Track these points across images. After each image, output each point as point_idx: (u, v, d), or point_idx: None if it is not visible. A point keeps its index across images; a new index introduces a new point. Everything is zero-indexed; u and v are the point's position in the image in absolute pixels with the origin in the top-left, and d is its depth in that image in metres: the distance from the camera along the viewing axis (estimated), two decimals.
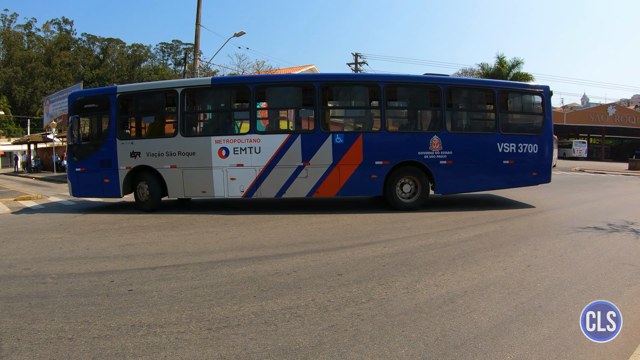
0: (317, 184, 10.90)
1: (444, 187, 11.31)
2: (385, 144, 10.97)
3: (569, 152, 52.71)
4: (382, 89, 10.94)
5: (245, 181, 11.03)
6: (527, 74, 38.95)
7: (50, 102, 32.75)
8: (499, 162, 11.18)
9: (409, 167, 10.97)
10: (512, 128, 11.88)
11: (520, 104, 12.37)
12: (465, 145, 11.23)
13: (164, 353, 3.50)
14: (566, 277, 5.34)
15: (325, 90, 11.33)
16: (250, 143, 10.91)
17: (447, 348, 3.49)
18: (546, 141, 11.50)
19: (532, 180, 11.68)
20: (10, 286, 5.42)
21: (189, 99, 11.73)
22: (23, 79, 79.01)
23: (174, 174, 11.24)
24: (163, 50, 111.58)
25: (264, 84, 11.59)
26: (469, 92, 12.09)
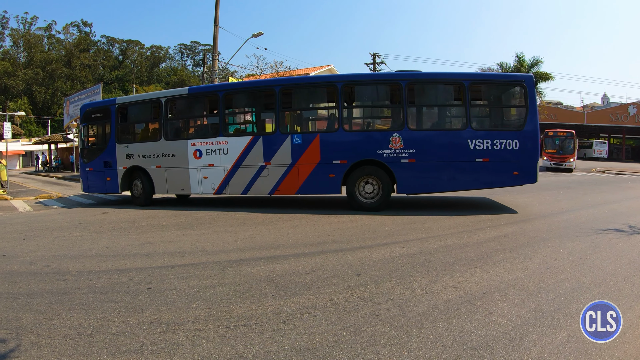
0: (278, 182, 11.33)
1: (408, 187, 10.96)
2: (343, 144, 11.00)
3: (589, 152, 51.91)
4: (339, 89, 11.00)
5: (215, 180, 11.89)
6: (547, 73, 38.39)
7: (71, 103, 33.23)
8: (470, 160, 10.48)
9: (369, 166, 10.82)
10: (487, 123, 11.28)
11: (497, 97, 11.56)
12: (429, 143, 10.80)
13: (182, 350, 3.53)
14: (586, 279, 5.25)
15: (285, 93, 11.59)
16: (219, 145, 11.75)
17: (464, 350, 3.46)
18: (529, 137, 10.47)
19: (513, 181, 10.84)
20: (30, 283, 5.52)
21: (171, 107, 12.78)
22: (43, 80, 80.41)
23: (159, 173, 12.53)
24: (181, 51, 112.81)
25: (231, 91, 12.66)
26: (433, 86, 11.62)
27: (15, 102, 69.67)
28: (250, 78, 31.08)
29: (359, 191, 10.89)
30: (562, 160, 30.22)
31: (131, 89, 71.92)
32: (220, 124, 11.97)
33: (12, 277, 5.76)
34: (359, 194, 10.89)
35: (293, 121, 12.45)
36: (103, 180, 13.50)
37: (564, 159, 30.28)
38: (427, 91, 11.54)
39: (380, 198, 10.77)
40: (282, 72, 28.10)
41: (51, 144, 43.87)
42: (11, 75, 77.81)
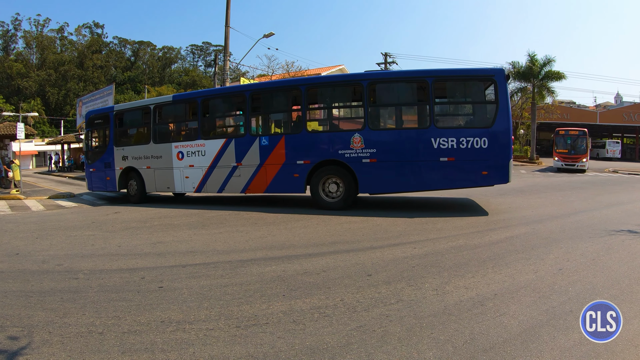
0: (248, 181, 11.93)
1: (369, 187, 11.05)
2: (306, 144, 11.28)
3: (602, 152, 51.43)
4: (303, 92, 11.37)
5: (195, 179, 12.76)
6: (559, 72, 38.01)
7: (83, 104, 33.56)
8: (434, 159, 10.28)
9: (332, 166, 10.99)
10: (452, 121, 11.26)
11: (464, 93, 11.28)
12: (391, 142, 10.77)
13: (192, 349, 3.54)
14: (598, 281, 5.18)
15: (254, 98, 12.28)
16: (197, 147, 12.64)
17: (475, 352, 3.44)
18: (500, 134, 10.07)
19: (483, 181, 10.41)
20: (43, 281, 5.58)
21: (159, 113, 13.81)
22: (56, 81, 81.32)
23: (149, 173, 13.69)
24: (193, 52, 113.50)
25: (207, 97, 13.41)
26: (395, 85, 11.51)
27: (29, 103, 70.52)
28: (261, 78, 31.19)
29: (323, 190, 11.15)
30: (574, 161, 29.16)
31: (143, 90, 72.41)
32: (198, 127, 12.85)
33: (24, 276, 5.82)
34: (323, 193, 11.13)
35: (262, 124, 12.96)
36: (104, 180, 14.97)
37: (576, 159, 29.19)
38: (389, 90, 11.50)
39: (343, 197, 10.91)
40: (294, 72, 28.14)
41: (64, 144, 44.34)
42: (24, 76, 78.79)
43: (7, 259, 6.82)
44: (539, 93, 39.90)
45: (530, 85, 40.81)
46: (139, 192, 13.92)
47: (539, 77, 38.84)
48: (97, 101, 30.51)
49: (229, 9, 22.79)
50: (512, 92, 46.67)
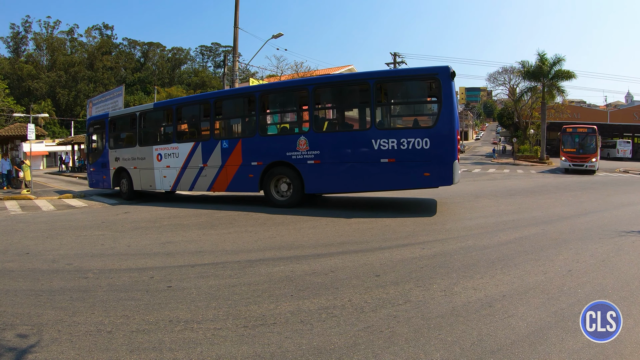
0: (212, 181, 12.88)
1: (314, 187, 11.30)
2: (259, 147, 12.01)
3: (612, 152, 50.99)
4: (257, 98, 12.13)
5: (171, 178, 13.93)
6: (569, 71, 37.77)
7: (94, 105, 33.74)
8: (375, 161, 10.34)
9: (282, 167, 11.56)
10: (393, 122, 11.34)
11: (407, 93, 11.41)
12: (333, 144, 11.01)
13: (200, 349, 3.55)
14: (608, 283, 5.13)
15: (216, 104, 13.26)
16: (172, 150, 13.81)
17: (483, 353, 3.42)
18: (442, 134, 9.87)
19: (425, 182, 10.29)
20: (53, 280, 5.63)
21: (143, 119, 15.19)
22: (67, 82, 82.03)
23: (135, 173, 15.02)
24: (202, 53, 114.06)
25: (181, 104, 14.83)
26: (338, 89, 11.93)
27: (39, 104, 71.12)
28: (270, 79, 31.23)
29: (275, 190, 11.80)
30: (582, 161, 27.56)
31: (153, 91, 72.79)
32: (173, 132, 14.11)
33: (34, 275, 5.88)
34: (275, 192, 11.79)
35: (224, 128, 13.99)
36: (101, 178, 16.64)
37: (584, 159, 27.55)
38: (334, 94, 12.02)
39: (292, 196, 11.48)
40: (303, 73, 28.15)
41: (74, 144, 44.70)
42: (35, 78, 79.55)
43: (17, 258, 6.88)
44: (549, 92, 39.68)
45: (540, 84, 40.57)
46: (129, 190, 15.30)
47: (548, 77, 38.61)
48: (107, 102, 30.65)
49: (237, 10, 22.86)
50: (522, 92, 46.53)
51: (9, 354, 3.53)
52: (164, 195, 16.05)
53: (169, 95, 79.29)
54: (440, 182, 10.22)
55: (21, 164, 20.20)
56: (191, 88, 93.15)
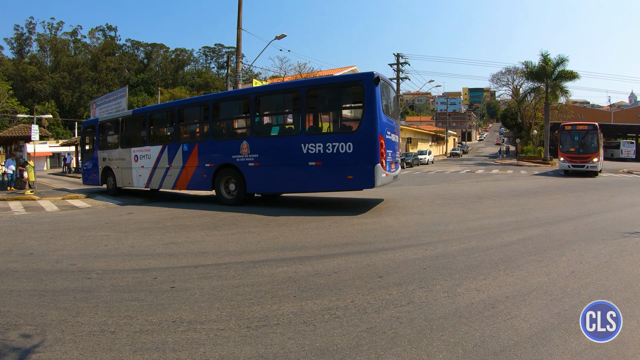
0: (176, 180, 14.25)
1: (254, 187, 12.31)
2: (211, 150, 13.21)
3: (616, 153, 50.84)
4: (210, 106, 13.55)
5: (145, 177, 15.40)
6: (573, 71, 37.69)
7: (97, 106, 33.85)
8: (304, 164, 11.05)
9: (229, 169, 12.65)
10: (321, 127, 11.97)
11: (335, 100, 11.93)
12: (269, 148, 11.94)
13: (203, 349, 3.56)
14: (611, 284, 5.12)
15: (179, 112, 14.71)
16: (146, 152, 15.28)
17: (485, 354, 3.41)
18: (365, 139, 10.31)
19: (348, 185, 10.85)
20: (56, 280, 5.65)
21: (124, 123, 16.91)
22: (70, 83, 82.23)
23: (118, 172, 16.70)
24: (206, 53, 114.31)
25: (153, 111, 16.61)
26: (275, 97, 13.16)
27: (43, 105, 71.40)
28: (273, 80, 31.25)
29: (225, 189, 12.89)
30: (583, 161, 25.25)
31: (156, 92, 72.97)
32: (147, 136, 15.59)
33: (38, 275, 5.90)
34: (223, 192, 12.90)
35: (185, 133, 15.05)
36: (92, 176, 18.45)
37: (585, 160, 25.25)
38: (271, 101, 13.21)
39: (238, 195, 12.53)
40: (306, 74, 28.15)
41: (78, 145, 44.75)
42: (38, 79, 79.78)
43: (21, 258, 6.91)
44: (553, 93, 39.60)
45: (543, 85, 40.50)
46: (114, 187, 17.02)
47: (552, 77, 38.54)
48: (110, 103, 30.74)
49: (241, 11, 22.87)
50: (525, 92, 46.47)
51: (13, 354, 3.55)
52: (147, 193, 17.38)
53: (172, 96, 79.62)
54: (363, 185, 10.78)
55: (25, 164, 20.26)
56: (195, 89, 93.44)
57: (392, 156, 11.47)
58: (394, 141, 11.73)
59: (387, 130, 10.95)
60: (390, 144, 11.28)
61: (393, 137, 11.64)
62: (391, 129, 11.41)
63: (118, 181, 16.75)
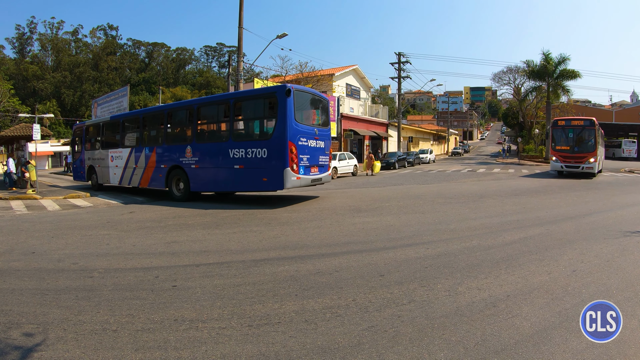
0: (140, 178, 16.12)
1: (196, 186, 13.92)
2: (165, 154, 15.04)
3: (618, 152, 50.74)
4: (165, 114, 15.84)
5: (118, 175, 17.43)
6: (574, 70, 37.64)
7: (99, 105, 33.82)
8: (231, 167, 12.64)
9: (178, 170, 14.37)
10: (243, 134, 13.36)
11: (255, 109, 13.25)
12: (206, 152, 13.56)
13: (205, 347, 3.57)
14: (613, 283, 5.12)
15: (144, 119, 16.96)
16: (119, 153, 17.36)
17: (486, 353, 3.41)
18: (276, 145, 11.60)
19: (264, 186, 12.21)
20: (58, 279, 5.65)
21: (104, 128, 19.29)
22: (71, 83, 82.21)
23: (99, 170, 18.99)
24: (207, 53, 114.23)
25: (125, 117, 18.82)
26: (211, 107, 14.75)
27: (44, 105, 71.42)
28: (275, 79, 31.23)
29: (175, 187, 14.55)
30: (578, 161, 22.57)
31: (158, 91, 72.98)
32: (120, 139, 17.78)
33: (40, 274, 5.91)
34: (174, 189, 14.57)
35: (147, 138, 16.63)
36: (80, 173, 21.06)
37: (580, 159, 22.54)
38: (209, 111, 14.70)
39: (184, 193, 14.21)
40: (307, 73, 28.12)
41: None
42: (40, 78, 79.79)
43: (23, 257, 6.92)
44: (554, 92, 39.59)
45: (545, 84, 40.45)
46: (96, 183, 19.35)
47: (553, 76, 38.49)
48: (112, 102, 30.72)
49: (242, 10, 22.88)
50: (526, 91, 46.44)
51: (15, 353, 3.55)
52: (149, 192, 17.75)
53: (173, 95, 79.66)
54: (275, 187, 12.09)
55: (27, 164, 20.26)
56: (196, 88, 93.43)
57: (310, 161, 12.51)
58: (313, 147, 12.71)
59: (302, 137, 12.04)
60: (308, 150, 12.37)
61: (312, 143, 12.65)
62: (309, 136, 12.49)
63: (99, 178, 19.03)
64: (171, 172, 14.57)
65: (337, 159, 27.39)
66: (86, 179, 20.22)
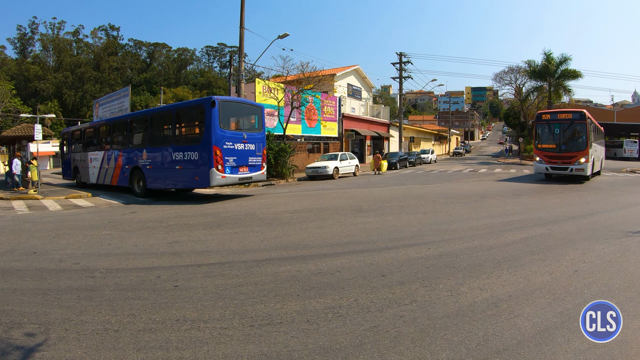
0: (111, 177, 18.52)
1: (151, 184, 16.08)
2: (129, 156, 17.27)
3: (619, 152, 50.62)
4: (128, 122, 18.32)
5: (95, 174, 19.88)
6: (576, 70, 37.67)
7: (100, 105, 33.75)
8: (174, 167, 14.97)
9: (137, 170, 16.69)
10: (182, 140, 15.32)
11: (191, 118, 15.53)
12: (157, 155, 15.72)
13: (207, 347, 3.57)
14: (614, 283, 5.11)
15: (114, 126, 19.45)
16: (96, 155, 19.92)
17: (488, 353, 3.41)
18: (204, 149, 13.80)
19: (197, 183, 14.44)
20: (60, 279, 5.66)
21: (85, 133, 21.92)
22: (73, 83, 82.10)
23: (81, 169, 21.41)
24: (208, 53, 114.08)
25: (99, 125, 21.00)
26: (160, 116, 17.19)
27: (46, 105, 71.32)
28: (276, 79, 31.20)
29: (136, 185, 16.80)
30: (566, 162, 19.10)
31: (159, 91, 72.99)
32: (97, 143, 20.53)
33: (42, 274, 5.91)
34: (135, 187, 16.85)
35: (116, 142, 18.96)
36: (67, 172, 23.60)
37: (569, 160, 19.03)
38: (159, 120, 16.99)
39: (143, 189, 16.44)
40: (309, 73, 28.07)
41: None
42: (41, 78, 79.68)
43: (25, 257, 6.93)
44: (556, 92, 39.58)
45: (546, 84, 40.44)
46: (80, 181, 21.66)
47: (555, 76, 38.48)
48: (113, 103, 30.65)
49: (243, 11, 22.91)
50: (528, 91, 46.40)
51: (17, 353, 3.56)
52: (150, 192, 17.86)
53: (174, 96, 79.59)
54: (204, 185, 14.29)
55: (28, 164, 20.28)
56: (197, 88, 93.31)
57: (237, 162, 14.56)
58: (241, 149, 14.73)
59: (227, 142, 14.12)
60: (234, 152, 14.41)
61: (240, 146, 14.68)
62: (236, 140, 14.57)
63: (82, 177, 21.42)
64: (133, 172, 16.95)
65: (339, 159, 27.33)
66: (72, 177, 22.84)
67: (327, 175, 25.50)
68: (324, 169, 25.55)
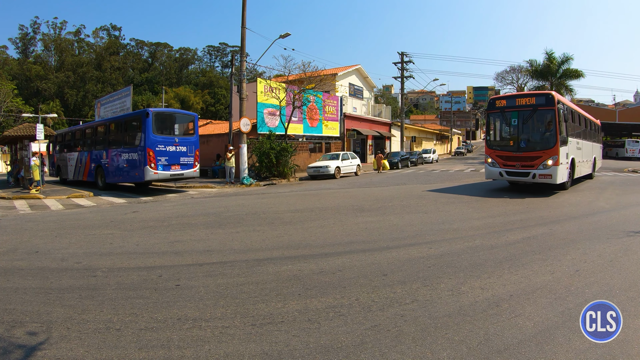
0: (82, 173, 21.74)
1: (109, 179, 19.34)
2: (95, 156, 20.44)
3: (621, 152, 50.50)
4: (94, 128, 21.97)
5: (72, 172, 23.14)
6: (577, 69, 37.61)
7: (102, 105, 33.80)
8: (123, 166, 18.09)
9: (100, 167, 19.87)
10: (128, 143, 18.18)
11: (132, 126, 18.31)
12: (112, 155, 18.87)
13: (208, 346, 3.58)
14: (615, 283, 5.11)
15: (84, 131, 23.06)
16: (72, 155, 23.35)
17: (489, 352, 3.41)
18: (141, 151, 16.85)
19: (137, 178, 17.31)
20: (62, 278, 5.67)
21: (66, 136, 25.54)
22: (75, 83, 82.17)
23: (62, 168, 24.83)
24: (210, 53, 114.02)
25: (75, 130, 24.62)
26: (115, 124, 20.15)
27: (48, 105, 71.40)
28: (278, 79, 31.19)
29: (100, 180, 19.96)
30: (526, 166, 13.77)
31: (161, 91, 73.03)
32: (73, 145, 23.86)
33: (44, 273, 5.93)
34: (99, 181, 20.06)
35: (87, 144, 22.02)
36: (54, 170, 26.49)
37: (530, 163, 13.69)
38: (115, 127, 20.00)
39: (103, 184, 19.75)
40: (310, 73, 28.04)
41: None
42: (43, 78, 79.76)
43: (26, 256, 6.94)
44: (557, 91, 39.44)
45: (548, 83, 40.39)
46: (61, 178, 25.03)
47: (557, 76, 38.44)
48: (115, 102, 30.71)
49: (245, 10, 22.90)
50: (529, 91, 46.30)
51: (19, 351, 3.57)
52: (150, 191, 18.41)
53: (176, 95, 79.75)
54: (140, 179, 17.14)
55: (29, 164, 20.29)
56: (199, 88, 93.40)
57: (169, 161, 17.45)
58: (172, 151, 17.61)
59: (160, 145, 17.13)
60: (166, 153, 17.33)
61: (172, 148, 17.61)
62: (169, 143, 17.54)
63: (62, 174, 24.89)
64: (97, 169, 20.16)
65: (340, 159, 27.27)
66: (57, 175, 26.14)
67: (328, 174, 25.47)
68: (326, 169, 25.50)
